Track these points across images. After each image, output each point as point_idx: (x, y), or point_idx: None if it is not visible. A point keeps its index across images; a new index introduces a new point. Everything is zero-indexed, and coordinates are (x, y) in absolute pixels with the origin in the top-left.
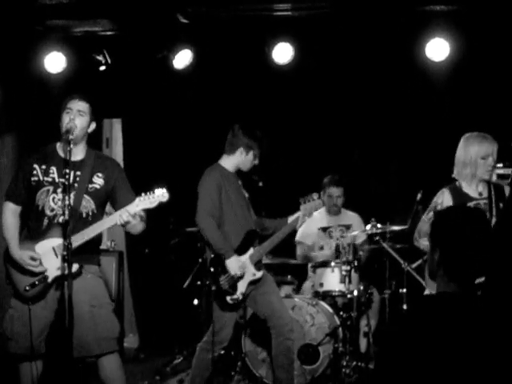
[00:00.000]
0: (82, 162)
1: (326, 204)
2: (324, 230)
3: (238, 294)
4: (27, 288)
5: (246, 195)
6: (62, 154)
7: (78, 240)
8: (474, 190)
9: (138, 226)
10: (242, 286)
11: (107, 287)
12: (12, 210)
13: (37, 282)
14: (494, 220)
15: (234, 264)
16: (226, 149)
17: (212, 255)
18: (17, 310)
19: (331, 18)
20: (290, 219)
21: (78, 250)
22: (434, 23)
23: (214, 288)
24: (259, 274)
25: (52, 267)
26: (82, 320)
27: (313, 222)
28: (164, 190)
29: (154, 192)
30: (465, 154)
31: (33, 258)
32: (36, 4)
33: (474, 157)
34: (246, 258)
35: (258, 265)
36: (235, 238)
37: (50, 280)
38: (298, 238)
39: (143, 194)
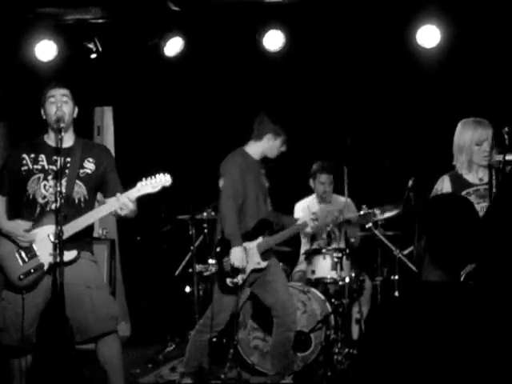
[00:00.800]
0: (71, 149)
1: (316, 191)
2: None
3: (239, 279)
4: (21, 277)
5: (267, 185)
6: (50, 142)
7: (74, 227)
8: (473, 176)
9: (135, 211)
10: (243, 273)
11: None
12: None
13: (32, 270)
14: None
15: (237, 254)
16: (252, 135)
17: (219, 236)
18: (9, 301)
19: (322, 4)
20: (299, 222)
21: (74, 237)
22: (425, 10)
23: (215, 268)
24: (263, 264)
25: (47, 254)
26: (80, 303)
27: (305, 212)
28: (167, 176)
29: (155, 177)
30: (460, 141)
31: (26, 230)
32: None
33: (468, 143)
34: (253, 245)
35: (265, 254)
36: (248, 223)
37: (46, 267)
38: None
39: (144, 179)
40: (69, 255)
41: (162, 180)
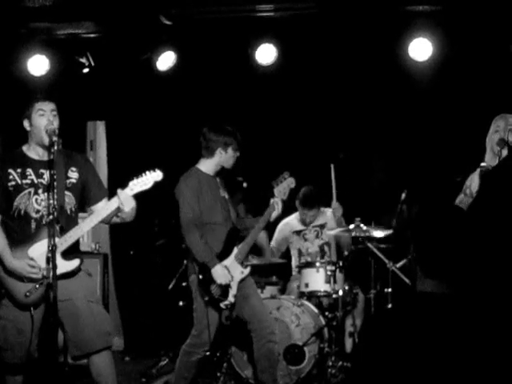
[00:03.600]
0: (54, 161)
1: (299, 214)
2: (298, 233)
3: (230, 298)
4: (27, 294)
5: (226, 196)
6: (32, 155)
7: (73, 236)
8: None
9: (132, 213)
10: (233, 288)
11: None
12: None
13: (37, 286)
14: None
15: (219, 273)
16: (203, 153)
17: (199, 264)
18: (9, 320)
19: (314, 18)
20: (267, 210)
21: (72, 247)
22: (417, 23)
23: (206, 299)
24: (247, 271)
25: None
26: (80, 316)
27: (286, 227)
28: (158, 171)
29: (145, 173)
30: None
31: (32, 266)
32: (19, 6)
33: (490, 132)
34: (231, 259)
35: (244, 262)
36: (217, 242)
37: (50, 281)
38: (272, 243)
39: (135, 178)
40: (71, 265)
41: (154, 176)
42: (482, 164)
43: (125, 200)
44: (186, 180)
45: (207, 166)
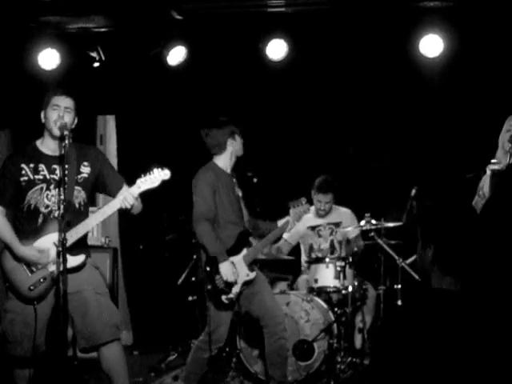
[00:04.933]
0: (66, 155)
1: (314, 205)
2: (313, 228)
3: (233, 294)
4: (31, 288)
5: (240, 194)
6: (45, 150)
7: (79, 231)
8: None
9: (138, 207)
10: (236, 286)
11: None
12: (0, 212)
13: (41, 280)
14: None
15: (226, 269)
16: (214, 152)
17: (206, 256)
18: (17, 313)
19: (325, 14)
20: (280, 223)
21: (78, 242)
22: (428, 19)
23: (209, 287)
24: (252, 275)
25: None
26: (89, 308)
27: (301, 221)
28: (166, 169)
29: (153, 172)
30: (501, 135)
31: (40, 251)
32: (30, 0)
33: (503, 131)
34: (239, 258)
35: (251, 265)
36: (228, 239)
37: (54, 275)
38: (284, 235)
39: (143, 175)
40: (76, 260)
41: (161, 174)
42: (493, 161)
43: (128, 201)
44: (205, 173)
45: (223, 161)
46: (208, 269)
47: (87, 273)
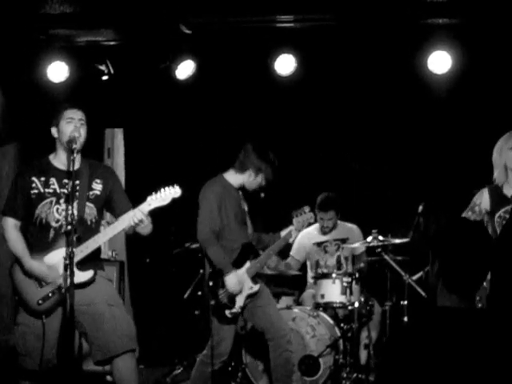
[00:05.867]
0: (79, 171)
1: (318, 223)
2: (319, 244)
3: (237, 308)
4: (40, 302)
5: (246, 209)
6: (57, 164)
7: (89, 247)
8: None
9: (148, 227)
10: (239, 300)
11: None
12: (13, 225)
13: (50, 294)
14: None
15: (232, 280)
16: (235, 165)
17: (210, 269)
18: (28, 326)
19: (333, 29)
20: (283, 233)
21: (89, 257)
22: (436, 36)
23: (212, 302)
24: (256, 288)
25: (64, 277)
26: (103, 320)
27: (307, 238)
28: (176, 187)
29: (164, 189)
30: (496, 150)
31: (49, 267)
32: (39, 13)
33: (504, 149)
34: (242, 271)
35: (254, 278)
36: (232, 252)
37: (63, 290)
38: (292, 252)
39: (154, 193)
40: (85, 275)
41: (172, 192)
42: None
43: (138, 220)
44: (212, 185)
45: (234, 178)
46: (211, 283)
47: (99, 285)
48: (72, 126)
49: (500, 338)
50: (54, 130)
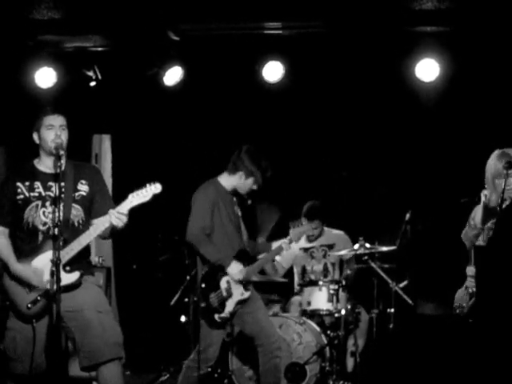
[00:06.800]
0: (64, 173)
1: None
2: (306, 250)
3: (226, 313)
4: (29, 306)
5: (240, 213)
6: (42, 168)
7: (74, 248)
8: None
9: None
10: (230, 305)
11: None
12: (1, 232)
13: (39, 298)
14: None
15: (235, 269)
16: (228, 167)
17: (203, 272)
18: (19, 331)
19: (321, 37)
20: (274, 245)
21: (75, 259)
22: (424, 44)
23: (203, 305)
24: (247, 294)
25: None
26: (90, 326)
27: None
28: (157, 184)
29: (145, 186)
30: (486, 172)
31: (34, 270)
32: (28, 18)
33: (490, 176)
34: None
35: (246, 285)
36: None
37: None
38: (278, 258)
39: (135, 190)
40: (71, 277)
41: (152, 188)
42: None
43: (118, 219)
44: (206, 188)
45: (226, 181)
46: (203, 286)
47: (89, 291)
48: (53, 133)
49: (480, 342)
50: (35, 136)
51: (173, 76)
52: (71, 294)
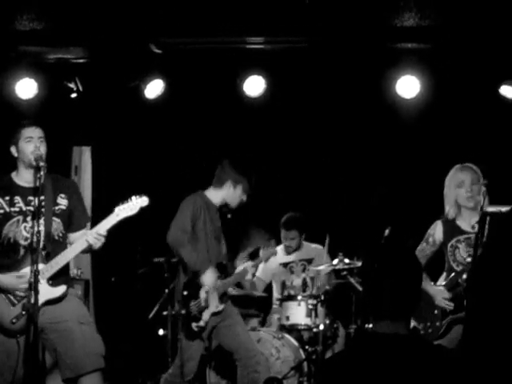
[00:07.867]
0: (43, 186)
1: (282, 242)
2: (285, 265)
3: (202, 322)
4: (14, 321)
5: (219, 226)
6: (20, 182)
7: (59, 262)
8: (467, 223)
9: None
10: (205, 316)
11: None
12: None
13: (23, 313)
14: None
15: (209, 277)
16: (213, 182)
17: (185, 280)
18: (1, 345)
19: (303, 52)
20: (238, 269)
21: (59, 272)
22: (405, 61)
23: (183, 312)
24: (221, 307)
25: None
26: (73, 338)
27: (273, 258)
28: (144, 196)
29: (131, 199)
30: (445, 185)
31: (19, 276)
32: (9, 29)
33: (450, 186)
34: (214, 288)
35: (222, 298)
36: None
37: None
38: (258, 273)
39: (121, 203)
40: (58, 291)
41: (139, 201)
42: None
43: (97, 237)
44: (194, 197)
45: (213, 195)
46: (185, 293)
47: (71, 303)
48: (32, 145)
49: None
50: (13, 149)
51: (154, 89)
52: (53, 306)
